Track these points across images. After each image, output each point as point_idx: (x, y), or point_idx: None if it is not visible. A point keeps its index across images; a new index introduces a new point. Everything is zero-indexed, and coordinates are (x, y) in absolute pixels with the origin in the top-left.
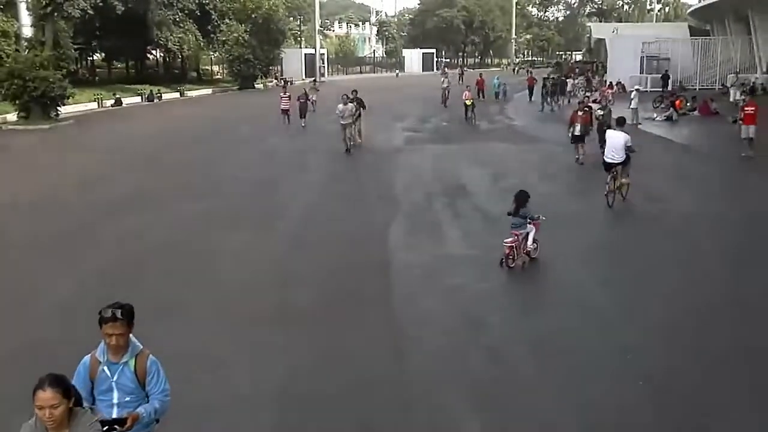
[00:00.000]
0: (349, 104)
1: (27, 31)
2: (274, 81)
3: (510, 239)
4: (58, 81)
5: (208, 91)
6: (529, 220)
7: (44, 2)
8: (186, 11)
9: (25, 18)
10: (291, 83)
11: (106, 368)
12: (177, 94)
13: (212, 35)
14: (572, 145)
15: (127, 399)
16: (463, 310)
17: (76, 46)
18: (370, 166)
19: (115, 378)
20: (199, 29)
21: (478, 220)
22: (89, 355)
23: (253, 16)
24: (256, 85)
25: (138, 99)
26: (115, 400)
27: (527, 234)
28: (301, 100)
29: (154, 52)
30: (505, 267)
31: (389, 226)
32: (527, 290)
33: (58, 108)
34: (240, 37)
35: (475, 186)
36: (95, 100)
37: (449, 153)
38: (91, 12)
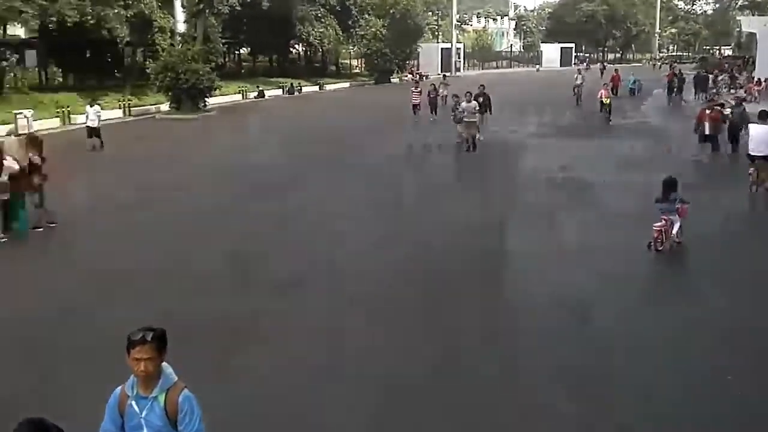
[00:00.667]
0: (473, 102)
1: (181, 27)
2: (409, 76)
3: (659, 223)
4: (207, 74)
5: (345, 84)
6: (678, 205)
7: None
8: (327, 7)
9: (180, 14)
10: (426, 78)
11: (134, 403)
12: (316, 87)
13: (351, 30)
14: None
15: None
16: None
17: (224, 41)
18: (495, 161)
19: (143, 414)
20: (339, 24)
21: (612, 212)
22: (120, 386)
23: (391, 11)
24: (392, 79)
25: (279, 91)
26: None
27: (673, 221)
28: (432, 95)
29: (296, 46)
30: (653, 250)
31: (512, 217)
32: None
33: (206, 99)
34: (378, 32)
35: (606, 180)
36: (240, 92)
37: (577, 148)
38: (239, 8)
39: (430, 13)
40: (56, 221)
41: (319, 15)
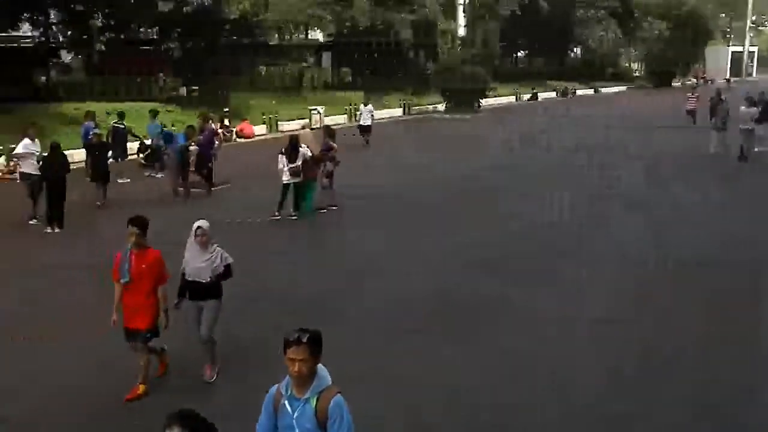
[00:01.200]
0: (752, 108)
1: (461, 31)
2: (693, 80)
3: None
4: (482, 76)
5: (622, 88)
6: None
7: (478, 4)
8: (607, 9)
9: (461, 19)
10: (710, 82)
11: (287, 403)
12: (591, 91)
13: (632, 33)
14: None
15: None
16: None
17: (501, 44)
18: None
19: (295, 416)
20: (619, 26)
21: None
22: (277, 385)
23: (677, 13)
24: (673, 84)
25: (553, 94)
26: None
27: None
28: (713, 101)
29: (574, 49)
30: None
31: None
32: None
33: (480, 100)
34: (660, 34)
35: None
36: (514, 95)
37: None
38: (518, 12)
39: (723, 15)
40: (337, 204)
41: (599, 17)
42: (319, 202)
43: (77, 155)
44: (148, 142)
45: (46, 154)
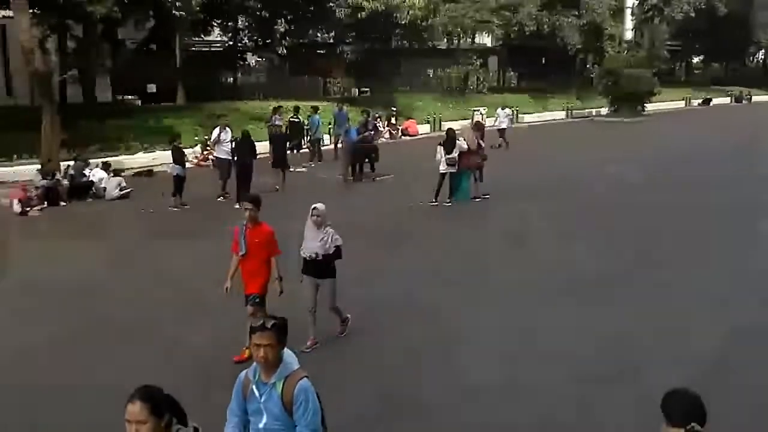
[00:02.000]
0: None
1: (628, 35)
2: None
3: None
4: (648, 79)
5: None
6: None
7: (646, 7)
8: None
9: (629, 22)
10: None
11: (254, 388)
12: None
13: None
14: None
15: (277, 425)
16: None
17: (672, 47)
18: None
19: (262, 399)
20: None
21: None
22: (246, 371)
23: None
24: None
25: (727, 99)
26: (261, 425)
27: None
28: None
29: (756, 54)
30: None
31: None
32: None
33: (644, 104)
34: None
35: None
36: (684, 99)
37: None
38: (692, 14)
39: None
40: (489, 194)
41: None
42: (474, 192)
43: (261, 147)
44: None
45: (236, 140)
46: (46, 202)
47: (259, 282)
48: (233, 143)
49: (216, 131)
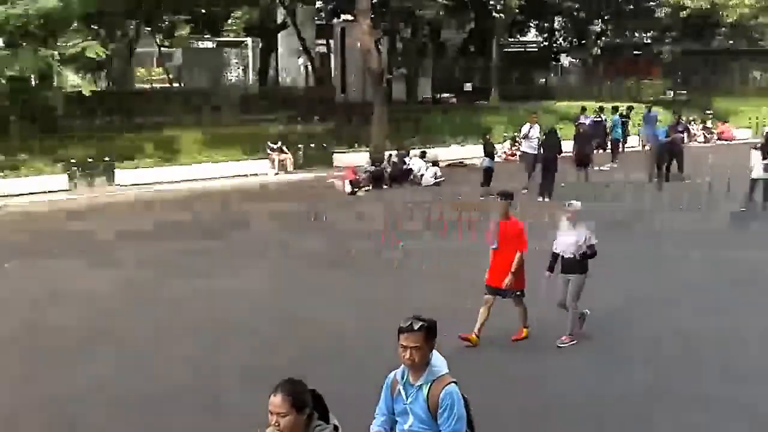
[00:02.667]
0: None
1: None
2: None
3: None
4: None
5: None
6: None
7: None
8: None
9: None
10: None
11: (402, 389)
12: None
13: None
14: None
15: (422, 427)
16: None
17: None
18: None
19: (408, 401)
20: None
21: None
22: (395, 371)
23: None
24: None
25: None
26: (407, 426)
27: None
28: None
29: None
30: None
31: None
32: None
33: None
34: None
35: None
36: None
37: None
38: None
39: None
40: None
41: None
42: None
43: (568, 146)
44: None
45: (544, 135)
46: (371, 185)
47: (504, 276)
48: (540, 139)
49: (526, 127)
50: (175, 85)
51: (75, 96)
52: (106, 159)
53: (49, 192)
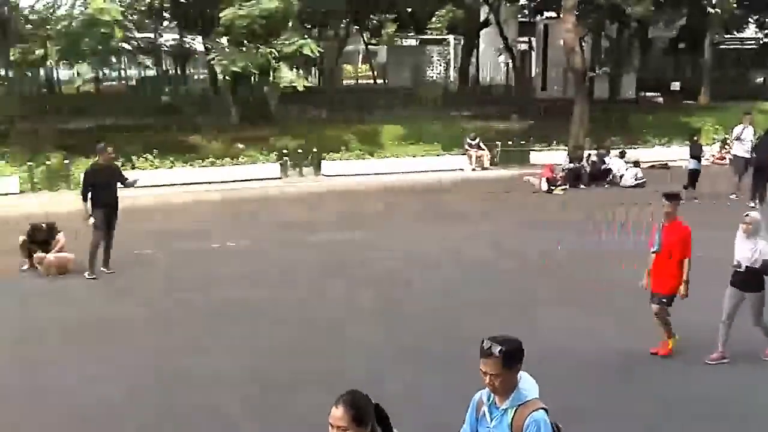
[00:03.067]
0: None
1: None
2: None
3: None
4: None
5: None
6: None
7: None
8: None
9: None
10: None
11: (487, 410)
12: None
13: None
14: None
15: None
16: None
17: None
18: None
19: (492, 424)
20: None
21: None
22: (481, 391)
23: None
24: None
25: None
26: None
27: None
28: None
29: None
30: None
31: None
32: None
33: None
34: None
35: None
36: None
37: None
38: None
39: None
40: None
41: None
42: None
43: None
44: None
45: (759, 137)
46: (568, 184)
47: (669, 283)
48: (753, 142)
49: (738, 128)
50: (379, 81)
51: (289, 91)
52: (315, 150)
53: (262, 179)
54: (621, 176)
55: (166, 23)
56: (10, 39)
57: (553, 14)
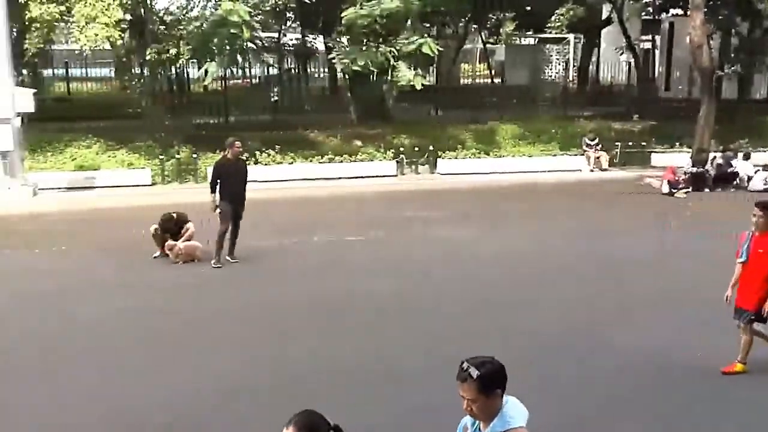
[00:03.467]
0: None
1: None
2: None
3: None
4: None
5: None
6: None
7: None
8: None
9: None
10: None
11: None
12: None
13: None
14: None
15: None
16: None
17: None
18: None
19: None
20: None
21: None
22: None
23: None
24: None
25: None
26: None
27: None
28: None
29: None
30: None
31: None
32: None
33: None
34: None
35: None
36: None
37: None
38: None
39: None
40: None
41: None
42: None
43: None
44: None
45: None
46: (691, 187)
47: (754, 298)
48: None
49: None
50: (497, 80)
51: (406, 89)
52: (431, 148)
53: (379, 176)
54: (748, 180)
55: (289, 23)
56: (147, 39)
57: (679, 11)
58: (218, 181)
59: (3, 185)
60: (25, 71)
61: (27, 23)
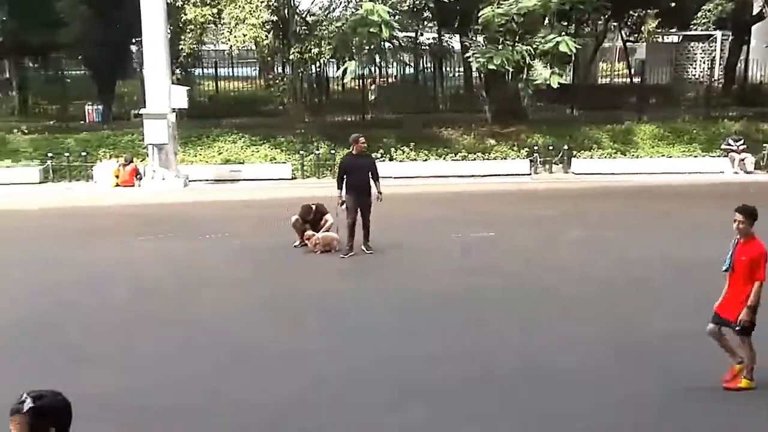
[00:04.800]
0: None
1: None
2: None
3: None
4: None
5: None
6: None
7: None
8: None
9: None
10: None
11: None
12: None
13: None
14: None
15: None
16: None
17: None
18: None
19: None
20: None
21: None
22: None
23: None
24: None
25: None
26: None
27: None
28: None
29: None
30: None
31: None
32: None
33: None
34: None
35: None
36: None
37: None
38: None
39: None
40: None
41: None
42: None
43: None
44: None
45: None
46: None
47: (738, 308)
48: None
49: None
50: (636, 80)
51: (542, 87)
52: (565, 147)
53: (512, 175)
54: None
55: (426, 23)
56: (290, 39)
57: None
58: (344, 175)
59: (158, 176)
60: (178, 71)
61: (182, 25)
